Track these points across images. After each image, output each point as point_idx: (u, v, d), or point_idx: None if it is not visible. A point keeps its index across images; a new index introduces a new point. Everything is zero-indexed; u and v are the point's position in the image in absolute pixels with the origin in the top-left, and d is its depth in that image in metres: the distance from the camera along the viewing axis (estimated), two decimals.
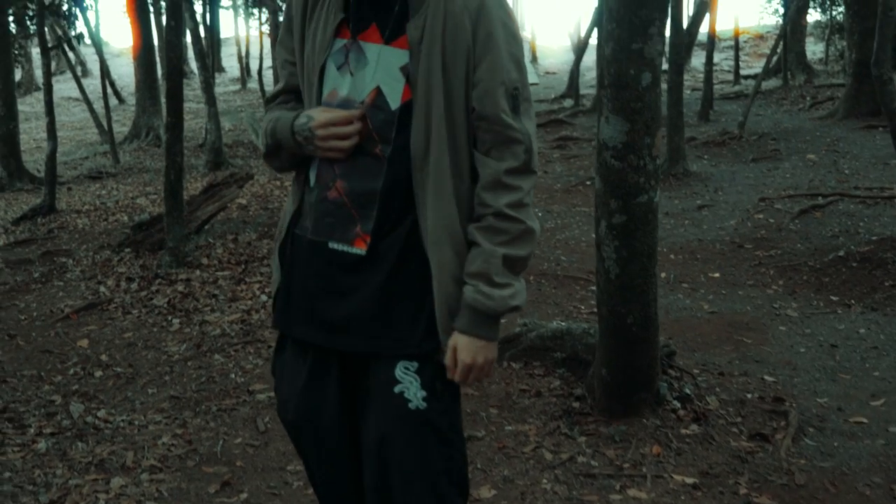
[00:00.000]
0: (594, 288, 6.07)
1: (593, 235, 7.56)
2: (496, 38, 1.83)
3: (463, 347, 1.85)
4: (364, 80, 1.89)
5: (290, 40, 2.04)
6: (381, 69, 1.87)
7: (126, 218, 9.70)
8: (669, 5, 2.94)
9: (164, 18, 18.36)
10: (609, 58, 3.11)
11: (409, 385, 1.88)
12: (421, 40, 1.83)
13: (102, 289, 6.52)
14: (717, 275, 6.35)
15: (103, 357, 5.06)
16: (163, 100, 12.85)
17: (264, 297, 5.93)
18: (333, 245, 1.90)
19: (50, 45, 12.00)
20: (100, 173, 13.75)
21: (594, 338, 4.24)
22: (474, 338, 1.85)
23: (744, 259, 6.71)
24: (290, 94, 2.09)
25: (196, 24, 13.35)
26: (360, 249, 1.87)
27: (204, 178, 12.01)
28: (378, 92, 1.87)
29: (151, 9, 18.08)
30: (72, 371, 4.84)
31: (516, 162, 1.83)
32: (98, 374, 4.79)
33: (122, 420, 4.09)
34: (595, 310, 5.51)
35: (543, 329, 4.52)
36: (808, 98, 16.11)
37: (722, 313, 5.45)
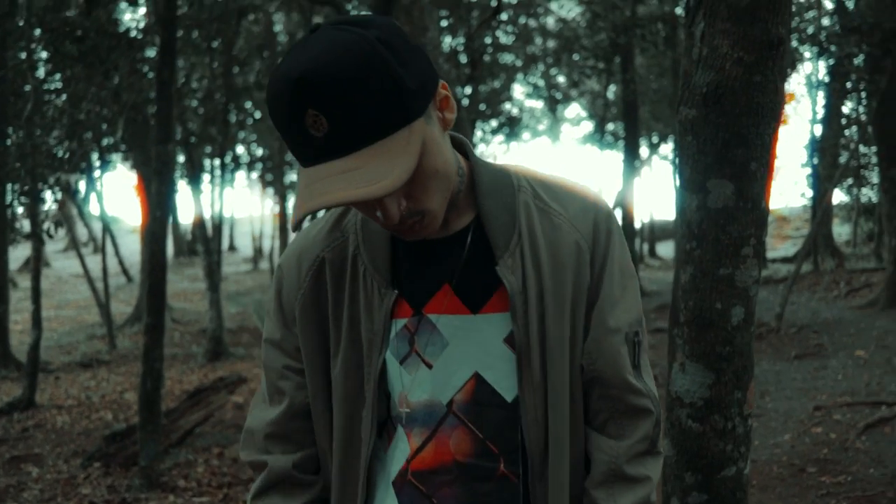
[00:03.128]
0: None
1: None
2: (612, 263, 1.25)
3: None
4: (450, 369, 1.24)
5: (292, 338, 1.27)
6: (473, 347, 1.23)
7: (110, 416, 8.84)
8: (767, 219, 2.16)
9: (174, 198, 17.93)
10: (687, 286, 2.29)
11: None
12: (524, 289, 1.19)
13: None
14: None
15: None
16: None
17: None
18: None
19: (47, 227, 11.39)
20: (92, 361, 12.92)
21: None
22: None
23: (808, 487, 5.71)
24: (295, 422, 1.30)
25: (200, 208, 12.85)
26: None
27: (201, 369, 11.22)
28: (478, 381, 1.24)
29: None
30: None
31: (642, 441, 1.26)
32: None
33: None
34: None
35: None
36: (842, 284, 15.35)
37: None
